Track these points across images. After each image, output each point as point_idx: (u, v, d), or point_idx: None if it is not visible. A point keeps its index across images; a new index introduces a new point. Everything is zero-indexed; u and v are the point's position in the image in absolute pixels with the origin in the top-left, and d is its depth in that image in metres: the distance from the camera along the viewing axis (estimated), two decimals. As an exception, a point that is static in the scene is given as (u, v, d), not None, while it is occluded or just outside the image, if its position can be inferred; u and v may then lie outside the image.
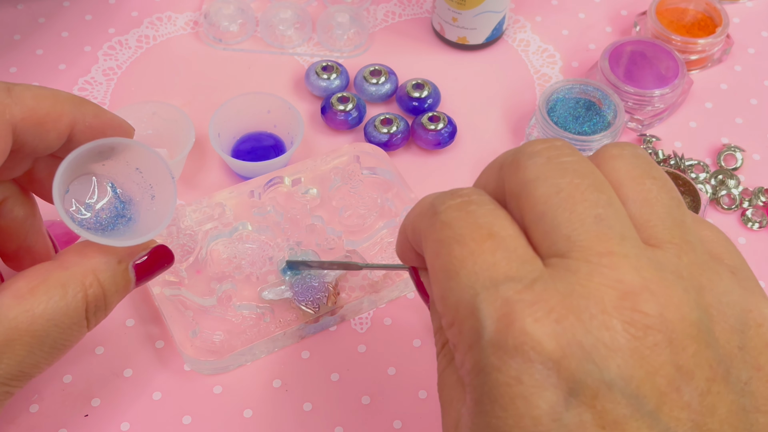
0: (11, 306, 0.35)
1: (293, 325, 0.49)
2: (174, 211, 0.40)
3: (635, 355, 0.26)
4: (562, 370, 0.26)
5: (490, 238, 0.28)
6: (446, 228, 0.30)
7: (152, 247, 0.40)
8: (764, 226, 0.56)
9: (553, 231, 0.28)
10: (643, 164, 0.30)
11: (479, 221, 0.29)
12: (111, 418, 0.47)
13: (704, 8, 0.64)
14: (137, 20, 0.65)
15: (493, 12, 0.61)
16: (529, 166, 0.29)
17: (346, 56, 0.64)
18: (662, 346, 0.26)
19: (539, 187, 0.29)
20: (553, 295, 0.27)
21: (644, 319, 0.26)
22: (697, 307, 0.27)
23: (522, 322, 0.26)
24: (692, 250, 0.29)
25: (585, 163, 0.29)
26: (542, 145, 0.30)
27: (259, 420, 0.47)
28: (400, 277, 0.51)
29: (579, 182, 0.29)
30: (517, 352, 0.26)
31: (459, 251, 0.29)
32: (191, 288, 0.50)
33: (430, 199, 0.32)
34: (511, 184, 0.30)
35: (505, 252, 0.28)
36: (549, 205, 0.28)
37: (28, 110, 0.37)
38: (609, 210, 0.28)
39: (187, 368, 0.49)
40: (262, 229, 0.52)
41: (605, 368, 0.26)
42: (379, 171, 0.55)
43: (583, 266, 0.27)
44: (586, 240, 0.27)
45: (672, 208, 0.30)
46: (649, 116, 0.60)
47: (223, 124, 0.57)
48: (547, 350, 0.26)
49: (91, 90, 0.61)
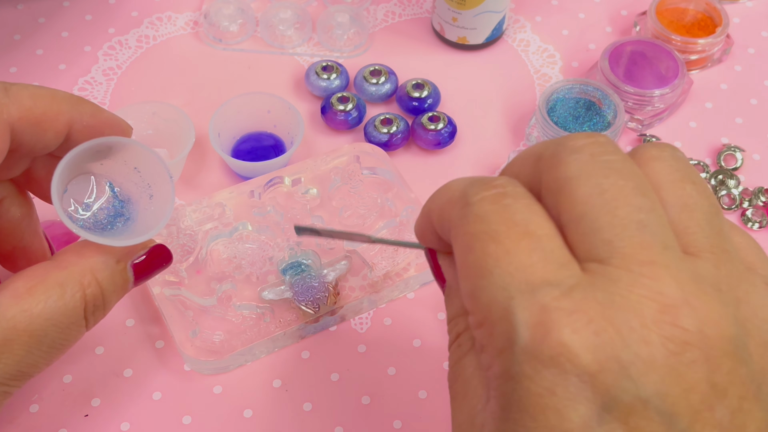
0: (9, 306, 0.35)
1: (293, 325, 0.49)
2: (172, 211, 0.39)
3: (672, 372, 0.25)
4: (597, 384, 0.25)
5: (527, 237, 0.27)
6: (480, 222, 0.28)
7: (150, 247, 0.40)
8: (764, 226, 0.56)
9: (594, 234, 0.27)
10: (683, 167, 0.29)
11: (515, 217, 0.28)
12: (111, 418, 0.47)
13: (704, 8, 0.64)
14: (137, 20, 0.65)
15: (493, 12, 0.61)
16: (570, 162, 0.28)
17: (346, 56, 0.64)
18: (699, 363, 0.25)
19: (581, 186, 0.27)
20: (593, 305, 0.26)
21: (683, 335, 0.25)
22: (735, 322, 0.26)
23: (560, 332, 0.25)
24: (730, 260, 0.28)
25: (629, 164, 0.28)
26: (585, 140, 0.29)
27: (259, 420, 0.47)
28: (400, 277, 0.51)
29: (623, 184, 0.27)
30: (553, 362, 0.25)
31: (494, 249, 0.27)
32: (191, 288, 0.50)
33: (460, 186, 0.30)
34: (550, 180, 0.28)
35: (543, 253, 0.27)
36: (590, 206, 0.27)
37: (26, 109, 0.37)
38: (652, 216, 0.27)
39: (187, 368, 0.49)
40: (262, 229, 0.52)
41: (642, 385, 0.25)
42: (379, 171, 0.55)
43: (624, 275, 0.26)
44: (628, 247, 0.26)
45: (711, 215, 0.29)
46: (649, 116, 0.60)
47: (223, 124, 0.57)
48: (583, 363, 0.25)
49: (91, 90, 0.61)
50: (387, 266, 0.51)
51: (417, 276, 0.52)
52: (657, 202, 0.28)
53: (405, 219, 0.53)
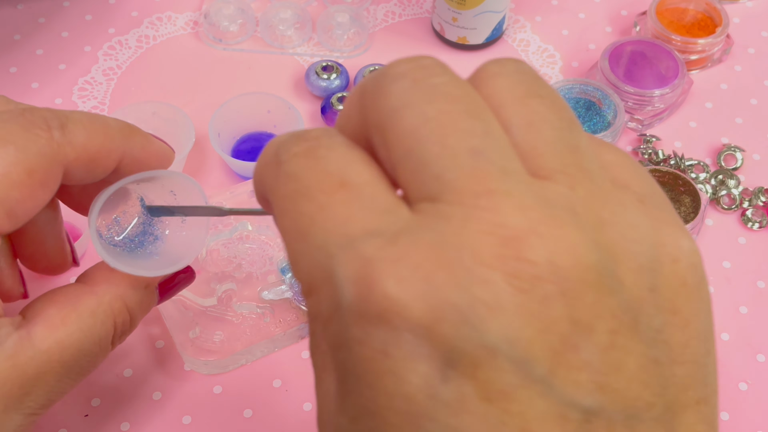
0: (45, 338, 0.35)
1: (293, 325, 0.49)
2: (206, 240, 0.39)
3: (522, 312, 0.21)
4: (434, 337, 0.22)
5: (343, 188, 0.24)
6: (291, 180, 0.25)
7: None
8: (764, 226, 0.56)
9: (422, 169, 0.23)
10: (528, 81, 0.25)
11: (329, 168, 0.24)
12: (111, 418, 0.47)
13: (704, 8, 0.64)
14: (137, 20, 0.65)
15: (493, 12, 0.61)
16: (392, 92, 0.24)
17: (346, 56, 0.64)
18: (554, 299, 0.22)
19: (405, 117, 0.24)
20: (421, 249, 0.22)
21: (531, 269, 0.22)
22: (596, 247, 0.22)
23: (384, 283, 0.22)
24: (589, 178, 0.24)
25: (459, 85, 0.24)
26: (408, 66, 0.25)
27: (259, 420, 0.47)
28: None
29: (451, 108, 0.24)
30: (381, 320, 0.22)
31: (307, 207, 0.24)
32: (191, 288, 0.50)
33: (274, 145, 0.26)
34: (374, 115, 0.25)
35: (362, 202, 0.23)
36: (416, 139, 0.23)
37: (81, 148, 0.36)
38: (487, 140, 0.23)
39: (187, 368, 0.49)
40: (262, 229, 0.52)
41: (485, 331, 0.21)
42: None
43: (456, 211, 0.22)
44: (460, 178, 0.23)
45: (563, 130, 0.24)
46: (649, 116, 0.60)
47: (223, 124, 0.57)
48: (415, 315, 0.21)
49: (91, 90, 0.61)
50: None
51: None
52: (494, 123, 0.24)
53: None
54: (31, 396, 0.35)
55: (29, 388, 0.35)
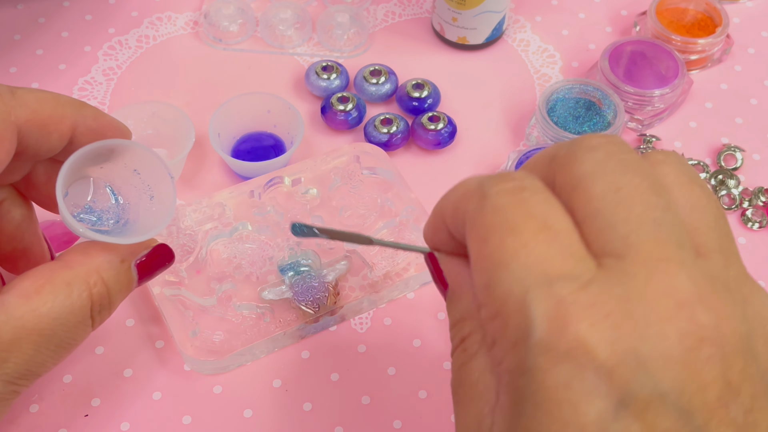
0: (18, 305, 0.36)
1: (293, 325, 0.49)
2: (174, 210, 0.40)
3: (689, 368, 0.25)
4: (614, 378, 0.25)
5: (545, 230, 0.27)
6: (498, 213, 0.28)
7: (153, 246, 0.40)
8: (764, 226, 0.56)
9: (610, 230, 0.27)
10: (689, 171, 0.30)
11: (533, 210, 0.28)
12: (111, 418, 0.47)
13: (704, 8, 0.64)
14: (137, 20, 0.65)
15: (493, 12, 0.61)
16: (586, 160, 0.28)
17: (346, 56, 0.64)
18: (715, 360, 0.25)
19: (597, 183, 0.28)
20: (610, 299, 0.26)
21: (700, 331, 0.25)
22: (745, 320, 0.26)
23: (577, 326, 0.25)
24: (737, 261, 0.28)
25: (644, 163, 0.28)
26: (601, 140, 0.29)
27: (259, 420, 0.47)
28: (400, 277, 0.51)
29: (639, 182, 0.28)
30: (569, 356, 0.25)
31: (511, 241, 0.27)
32: (191, 288, 0.50)
33: (476, 180, 0.30)
34: (565, 177, 0.29)
35: (560, 247, 0.27)
36: (606, 202, 0.27)
37: (32, 112, 0.37)
38: (667, 215, 0.27)
39: (187, 368, 0.49)
40: (262, 229, 0.52)
41: (659, 380, 0.25)
42: (379, 171, 0.55)
43: (640, 271, 0.26)
44: (644, 243, 0.26)
45: (719, 217, 0.29)
46: (649, 116, 0.60)
47: (223, 124, 0.57)
48: (600, 357, 0.25)
49: (91, 90, 0.61)
50: (387, 266, 0.51)
51: (417, 276, 0.52)
52: (671, 201, 0.28)
53: (405, 219, 0.53)
54: (8, 363, 0.36)
55: (5, 354, 0.35)
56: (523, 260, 0.27)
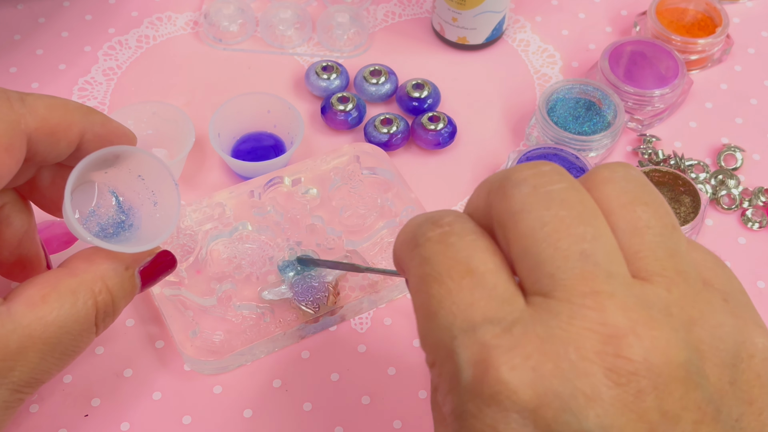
0: (25, 313, 0.36)
1: (293, 325, 0.49)
2: (178, 217, 0.40)
3: (617, 403, 0.25)
4: (538, 420, 0.25)
5: (469, 275, 0.27)
6: (425, 264, 0.28)
7: (156, 253, 0.41)
8: (764, 226, 0.56)
9: (537, 268, 0.27)
10: (634, 189, 0.29)
11: (458, 255, 0.28)
12: (111, 418, 0.47)
13: (704, 8, 0.64)
14: (137, 20, 0.65)
15: (493, 12, 0.61)
16: (514, 195, 0.28)
17: (346, 56, 0.64)
18: (646, 392, 0.25)
19: (523, 220, 0.27)
20: (532, 339, 0.26)
21: (628, 365, 0.25)
22: (686, 346, 0.26)
23: (498, 369, 0.25)
24: (684, 281, 0.27)
25: (573, 192, 0.28)
26: (528, 172, 0.28)
27: (259, 420, 0.47)
28: (400, 277, 0.51)
29: (565, 214, 0.27)
30: (493, 400, 0.25)
31: (437, 290, 0.27)
32: (191, 288, 0.50)
33: (412, 226, 0.30)
34: (498, 214, 0.28)
35: (484, 290, 0.27)
36: (533, 240, 0.27)
37: (42, 120, 0.37)
38: (596, 244, 0.27)
39: (187, 368, 0.49)
40: (262, 229, 0.52)
41: (583, 418, 0.25)
42: (379, 171, 0.55)
43: (564, 308, 0.26)
44: (569, 279, 0.26)
45: (664, 236, 0.28)
46: (649, 116, 0.60)
47: (223, 124, 0.57)
48: (523, 399, 0.25)
49: (91, 90, 0.61)
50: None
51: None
52: (603, 228, 0.27)
53: (405, 219, 0.53)
54: (14, 371, 0.36)
55: (12, 362, 0.35)
56: (449, 308, 0.27)
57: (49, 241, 0.52)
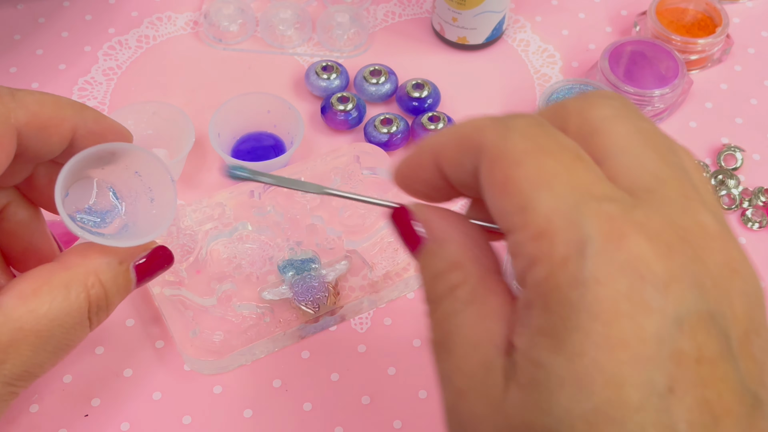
0: (16, 306, 0.36)
1: (293, 325, 0.49)
2: (174, 213, 0.40)
3: (729, 295, 0.26)
4: (671, 294, 0.25)
5: (581, 159, 0.27)
6: (530, 139, 0.28)
7: (152, 248, 0.40)
8: (764, 226, 0.56)
9: (639, 166, 0.28)
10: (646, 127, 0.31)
11: (565, 142, 0.28)
12: (111, 418, 0.47)
13: (704, 8, 0.64)
14: (137, 20, 0.65)
15: (493, 12, 0.61)
16: (606, 106, 0.29)
17: (346, 56, 0.64)
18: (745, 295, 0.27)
19: (621, 124, 0.28)
20: (658, 220, 0.26)
21: (732, 263, 0.27)
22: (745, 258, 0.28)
23: (635, 239, 0.25)
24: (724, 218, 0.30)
25: (647, 118, 0.30)
26: (612, 94, 0.30)
27: (259, 420, 0.47)
28: (400, 277, 0.51)
29: (653, 128, 0.29)
30: (629, 268, 0.25)
31: (552, 164, 0.27)
32: (191, 288, 0.50)
33: (487, 118, 0.29)
34: (581, 122, 0.29)
35: (596, 174, 0.27)
36: (633, 141, 0.28)
37: (32, 114, 0.37)
38: (682, 156, 0.29)
39: (187, 368, 0.49)
40: (262, 229, 0.52)
41: (709, 300, 0.26)
42: (379, 171, 0.55)
43: (676, 201, 0.27)
44: (672, 180, 0.27)
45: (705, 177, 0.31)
46: (649, 116, 0.60)
47: (223, 124, 0.57)
48: (658, 272, 0.25)
49: (91, 90, 0.61)
50: (387, 266, 0.51)
51: (417, 276, 0.52)
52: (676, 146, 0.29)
53: (405, 219, 0.53)
54: (6, 364, 0.36)
55: (3, 355, 0.35)
56: (566, 180, 0.27)
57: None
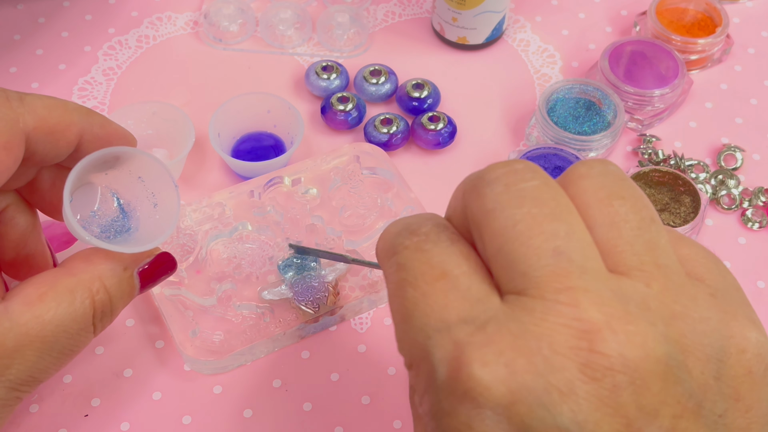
0: (22, 312, 0.36)
1: (293, 325, 0.49)
2: (178, 219, 0.40)
3: (592, 398, 0.25)
4: (512, 416, 0.25)
5: (443, 278, 0.28)
6: (401, 270, 0.29)
7: (156, 254, 0.41)
8: (764, 226, 0.56)
9: (511, 266, 0.27)
10: (611, 183, 0.28)
11: (432, 261, 0.28)
12: (111, 418, 0.47)
13: (704, 8, 0.64)
14: (137, 20, 0.65)
15: (493, 12, 0.61)
16: (486, 194, 0.28)
17: (346, 56, 0.64)
18: (622, 387, 0.25)
19: (496, 219, 0.27)
20: (505, 336, 0.26)
21: (602, 360, 0.25)
22: (666, 340, 0.26)
23: (470, 366, 0.25)
24: (664, 275, 0.27)
25: (546, 189, 0.28)
26: (501, 170, 0.29)
27: (259, 420, 0.47)
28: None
29: (537, 212, 0.27)
30: (467, 397, 0.25)
31: (411, 293, 0.28)
32: (191, 288, 0.50)
33: (391, 235, 0.30)
34: (472, 213, 0.29)
35: (458, 292, 0.27)
36: (505, 239, 0.27)
37: (40, 119, 0.37)
38: (569, 241, 0.26)
39: (187, 368, 0.49)
40: (262, 229, 0.52)
41: (558, 413, 0.25)
42: (379, 171, 0.55)
43: (538, 304, 0.26)
44: (543, 276, 0.26)
45: (642, 230, 0.28)
46: (649, 116, 0.60)
47: (223, 124, 0.57)
48: (496, 396, 0.25)
49: (91, 90, 0.61)
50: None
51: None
52: (577, 224, 0.27)
53: (405, 219, 0.53)
54: (11, 369, 0.36)
55: (9, 360, 0.35)
56: (423, 310, 0.27)
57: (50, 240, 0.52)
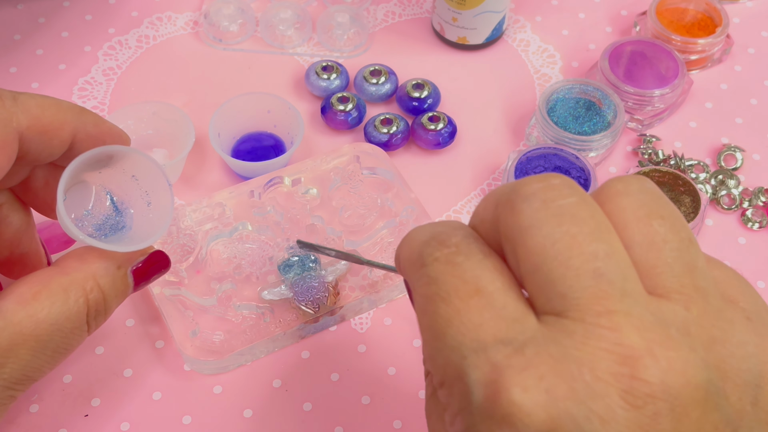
0: (16, 311, 0.36)
1: (293, 325, 0.49)
2: (171, 218, 0.40)
3: (632, 426, 0.24)
4: None
5: (477, 295, 0.27)
6: (432, 284, 0.28)
7: (149, 253, 0.41)
8: (764, 226, 0.56)
9: (548, 287, 0.26)
10: (650, 201, 0.28)
11: (466, 276, 0.27)
12: (111, 418, 0.47)
13: (704, 8, 0.64)
14: (137, 20, 0.65)
15: (493, 12, 0.61)
16: (523, 210, 0.27)
17: (346, 56, 0.64)
18: (663, 415, 0.24)
19: (533, 237, 0.26)
20: (545, 360, 0.25)
21: (644, 387, 0.24)
22: (705, 367, 0.25)
23: (510, 391, 0.25)
24: (703, 298, 0.27)
25: (584, 206, 0.27)
26: (538, 185, 0.27)
27: (259, 420, 0.47)
28: (400, 278, 0.51)
29: (577, 231, 0.26)
30: (505, 422, 0.25)
31: (445, 310, 0.27)
32: (191, 288, 0.50)
33: (418, 244, 0.29)
34: (506, 229, 0.28)
35: (494, 310, 0.27)
36: (543, 258, 0.26)
37: (33, 118, 0.37)
38: (609, 262, 0.26)
39: (187, 368, 0.49)
40: (262, 229, 0.52)
41: None
42: (379, 171, 0.55)
43: (579, 327, 0.25)
44: (583, 298, 0.25)
45: (681, 251, 0.27)
46: (649, 116, 0.60)
47: (223, 124, 0.57)
48: (536, 422, 0.25)
49: (91, 90, 0.61)
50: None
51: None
52: (617, 244, 0.27)
53: (405, 219, 0.53)
54: (5, 368, 0.36)
55: (3, 359, 0.35)
56: (457, 328, 0.27)
57: (49, 241, 0.52)
